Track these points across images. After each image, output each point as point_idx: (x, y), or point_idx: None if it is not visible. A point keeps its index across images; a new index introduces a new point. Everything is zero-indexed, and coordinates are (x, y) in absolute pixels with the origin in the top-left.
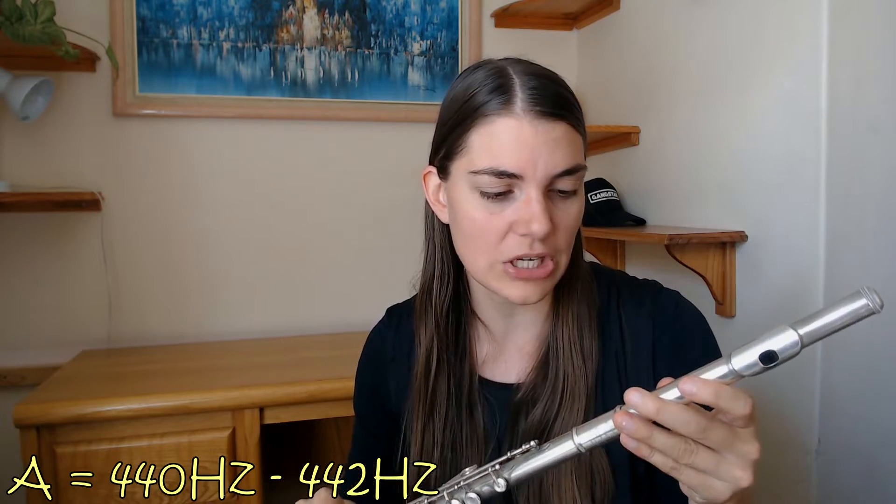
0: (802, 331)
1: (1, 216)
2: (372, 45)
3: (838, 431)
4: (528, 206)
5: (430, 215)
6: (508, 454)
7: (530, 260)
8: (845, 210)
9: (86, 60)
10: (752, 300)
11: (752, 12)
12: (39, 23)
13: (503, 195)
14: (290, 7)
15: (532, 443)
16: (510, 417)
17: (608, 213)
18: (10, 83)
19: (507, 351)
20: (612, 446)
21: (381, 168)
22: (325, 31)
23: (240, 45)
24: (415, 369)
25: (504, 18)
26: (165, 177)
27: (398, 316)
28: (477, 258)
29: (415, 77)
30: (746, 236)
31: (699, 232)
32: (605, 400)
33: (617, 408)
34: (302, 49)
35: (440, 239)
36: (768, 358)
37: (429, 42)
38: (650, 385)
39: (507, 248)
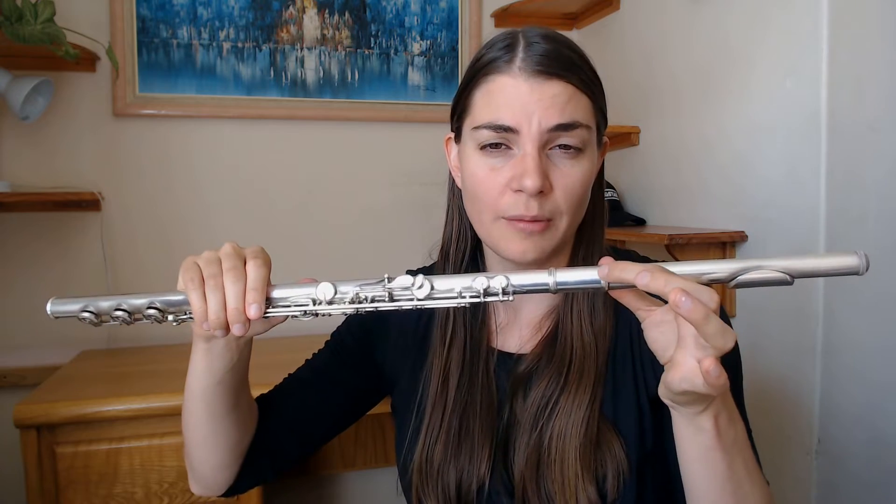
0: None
1: (1, 216)
2: (372, 45)
3: (838, 431)
4: (522, 161)
5: (451, 181)
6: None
7: (527, 224)
8: (845, 210)
9: (86, 60)
10: (751, 300)
11: (752, 13)
12: (39, 23)
13: (501, 148)
14: (290, 7)
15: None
16: (514, 388)
17: (608, 213)
18: (10, 83)
19: (519, 322)
20: (620, 420)
21: (381, 168)
22: (325, 31)
23: (240, 45)
24: (428, 335)
25: (504, 18)
26: (165, 177)
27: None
28: (480, 215)
29: (415, 77)
30: (746, 236)
31: (699, 232)
32: (615, 379)
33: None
34: (302, 49)
35: (459, 204)
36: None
37: (429, 42)
38: (661, 371)
39: (505, 205)
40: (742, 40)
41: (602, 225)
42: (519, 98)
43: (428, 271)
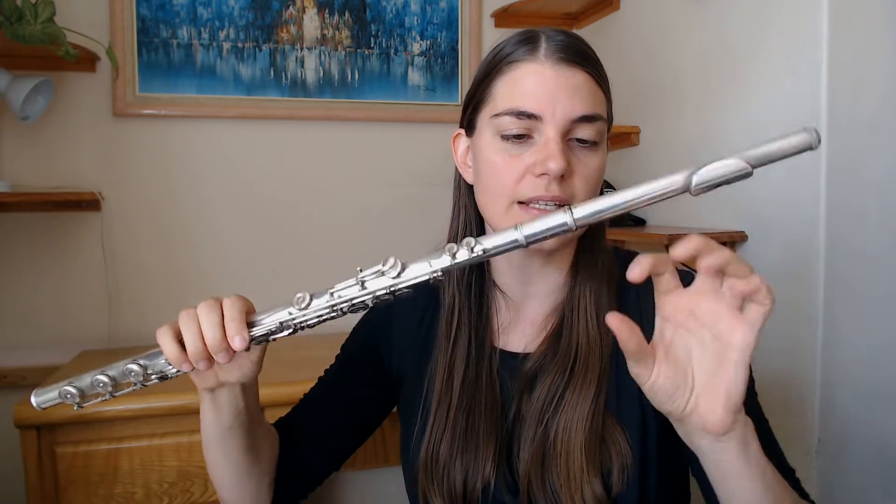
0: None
1: (1, 216)
2: (372, 45)
3: (838, 431)
4: (545, 146)
5: (457, 178)
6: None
7: (546, 204)
8: (845, 210)
9: (86, 60)
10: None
11: (752, 12)
12: (39, 23)
13: (523, 139)
14: (290, 7)
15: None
16: (521, 387)
17: None
18: (10, 83)
19: (523, 321)
20: (623, 417)
21: (381, 168)
22: (325, 31)
23: (240, 45)
24: (430, 334)
25: (504, 18)
26: (165, 177)
27: None
28: (495, 201)
29: (415, 77)
30: (746, 236)
31: (699, 232)
32: (619, 376)
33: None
34: (302, 49)
35: (465, 201)
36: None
37: (429, 42)
38: None
39: (524, 188)
40: (742, 40)
41: (603, 222)
42: (544, 84)
43: None
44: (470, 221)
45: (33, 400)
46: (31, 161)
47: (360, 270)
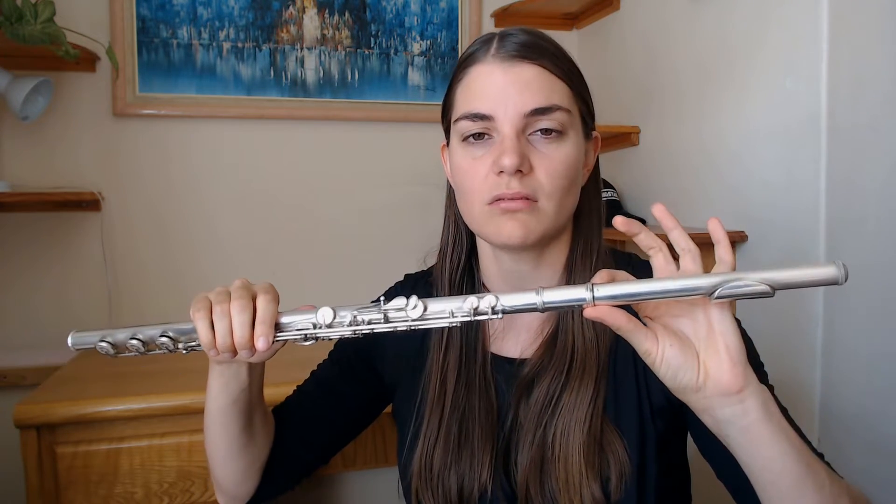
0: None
1: (1, 216)
2: (372, 45)
3: (838, 434)
4: (500, 144)
5: (448, 188)
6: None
7: (511, 200)
8: (845, 209)
9: (86, 60)
10: (751, 300)
11: (752, 12)
12: (39, 23)
13: (483, 138)
14: (290, 7)
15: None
16: (518, 393)
17: (608, 213)
18: (10, 83)
19: (517, 326)
20: (621, 422)
21: (381, 168)
22: (325, 31)
23: (240, 45)
24: (425, 341)
25: (504, 18)
26: (165, 177)
27: (414, 281)
28: (471, 206)
29: (415, 77)
30: (746, 236)
31: (699, 232)
32: (616, 381)
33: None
34: (302, 49)
35: (455, 210)
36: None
37: (429, 42)
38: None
39: (489, 188)
40: (742, 40)
41: (599, 220)
42: (493, 84)
43: (425, 276)
44: (460, 231)
45: (70, 340)
46: (31, 161)
47: (384, 301)
